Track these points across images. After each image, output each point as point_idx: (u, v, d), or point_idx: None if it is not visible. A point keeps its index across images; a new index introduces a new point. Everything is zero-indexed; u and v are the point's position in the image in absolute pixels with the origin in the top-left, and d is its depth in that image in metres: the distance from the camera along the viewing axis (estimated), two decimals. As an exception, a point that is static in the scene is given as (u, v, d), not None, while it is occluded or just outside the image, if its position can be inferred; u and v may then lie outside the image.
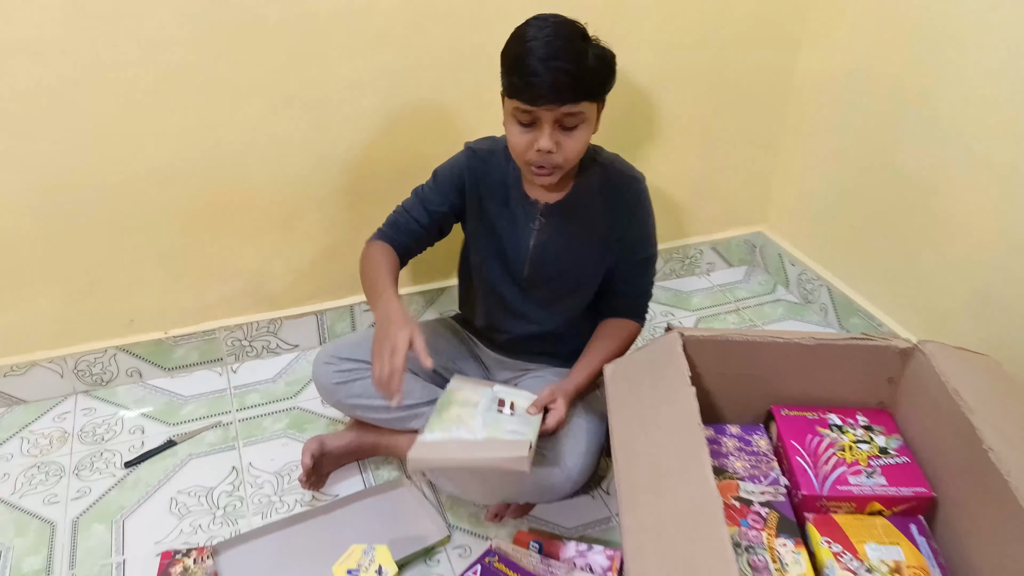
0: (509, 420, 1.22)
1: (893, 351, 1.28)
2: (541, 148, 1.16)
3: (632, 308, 1.38)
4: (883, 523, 1.16)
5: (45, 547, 1.32)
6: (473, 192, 1.34)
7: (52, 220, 1.47)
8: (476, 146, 1.35)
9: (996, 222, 1.43)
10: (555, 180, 1.23)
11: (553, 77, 1.10)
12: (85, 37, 1.33)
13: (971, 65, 1.41)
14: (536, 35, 1.13)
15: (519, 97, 1.14)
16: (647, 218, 1.33)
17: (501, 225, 1.33)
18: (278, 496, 1.41)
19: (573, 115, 1.15)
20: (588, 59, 1.14)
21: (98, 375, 1.65)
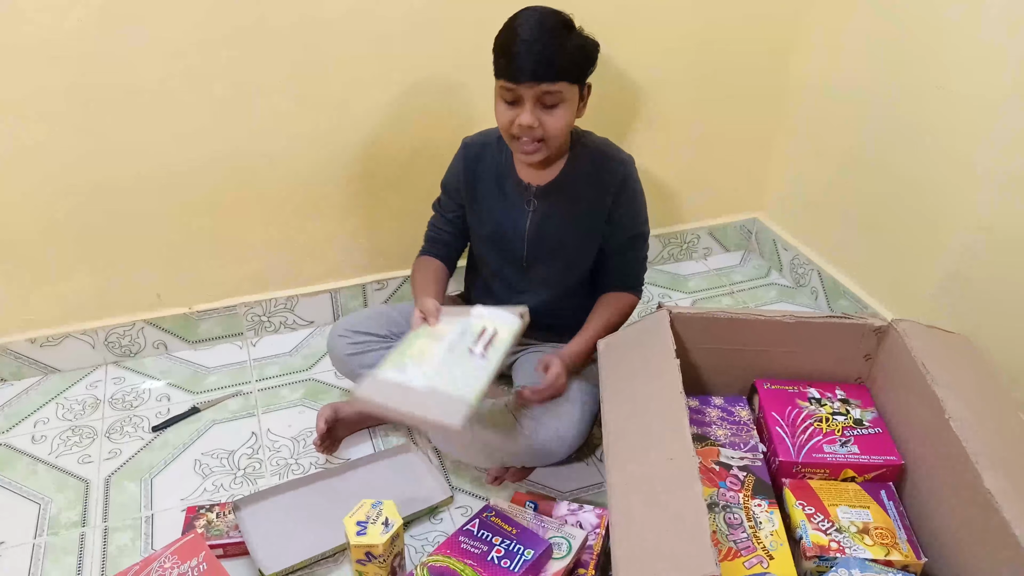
0: (470, 362, 1.21)
1: (869, 329, 1.36)
2: (522, 123, 1.26)
3: (627, 282, 1.47)
4: (855, 488, 1.25)
5: (80, 502, 1.43)
6: (470, 183, 1.44)
7: (88, 205, 1.58)
8: (470, 140, 1.46)
9: (969, 212, 1.50)
10: (540, 157, 1.32)
11: (533, 57, 1.21)
12: (118, 43, 1.44)
13: (955, 64, 1.48)
14: (523, 22, 1.25)
15: (503, 76, 1.25)
16: (634, 197, 1.41)
17: (498, 210, 1.43)
18: (294, 459, 1.51)
19: (552, 93, 1.25)
20: (568, 44, 1.25)
21: (127, 347, 1.75)
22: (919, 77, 1.56)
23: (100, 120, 1.50)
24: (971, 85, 1.46)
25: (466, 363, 1.21)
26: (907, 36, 1.57)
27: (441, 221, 1.52)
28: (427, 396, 1.14)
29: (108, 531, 1.38)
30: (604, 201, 1.39)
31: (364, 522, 1.18)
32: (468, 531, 1.21)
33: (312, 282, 1.83)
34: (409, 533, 1.35)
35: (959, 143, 1.50)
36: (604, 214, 1.40)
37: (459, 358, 1.22)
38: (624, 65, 1.78)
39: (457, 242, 1.52)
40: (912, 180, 1.62)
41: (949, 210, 1.55)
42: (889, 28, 1.61)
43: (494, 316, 1.31)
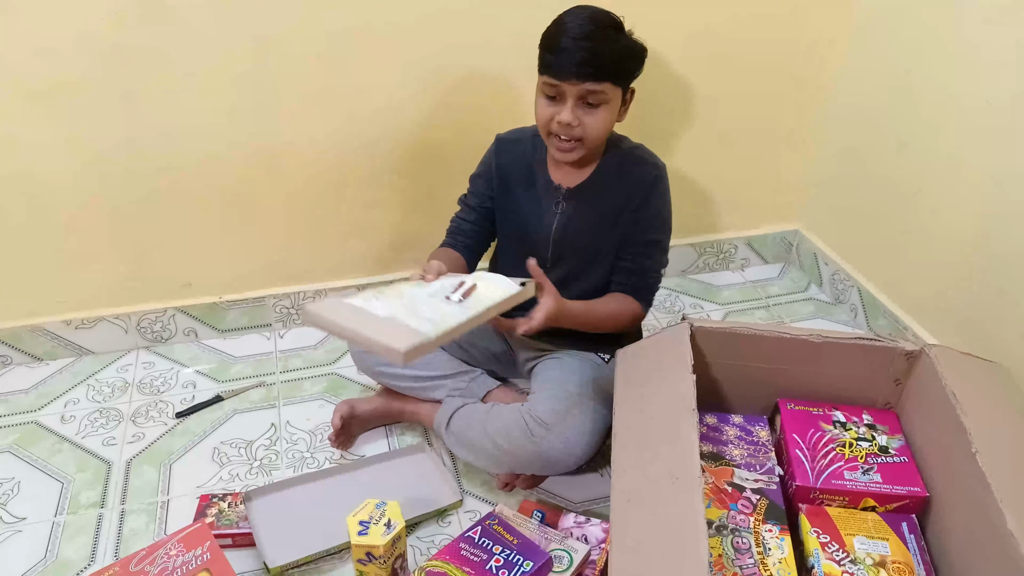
0: (441, 306, 1.11)
1: (899, 353, 1.31)
2: (562, 120, 1.24)
3: (635, 288, 1.41)
4: (875, 518, 1.20)
5: (101, 483, 1.46)
6: (500, 178, 1.42)
7: (123, 193, 1.61)
8: (504, 136, 1.44)
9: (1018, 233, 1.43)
10: (576, 156, 1.30)
11: (580, 55, 1.20)
12: (153, 40, 1.47)
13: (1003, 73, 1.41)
14: (572, 18, 1.24)
15: (547, 71, 1.24)
16: (660, 202, 1.38)
17: (526, 207, 1.41)
18: (310, 453, 1.52)
19: (595, 93, 1.23)
20: (617, 45, 1.23)
21: (158, 333, 1.79)
22: (963, 86, 1.49)
23: (135, 108, 1.53)
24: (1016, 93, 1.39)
25: (437, 306, 1.11)
26: (951, 43, 1.50)
27: (464, 211, 1.49)
28: (381, 322, 1.04)
29: (125, 513, 1.40)
30: (631, 202, 1.37)
31: (367, 522, 1.18)
32: (469, 538, 1.20)
33: (339, 276, 1.84)
34: (416, 535, 1.35)
35: (1005, 163, 1.43)
36: (629, 215, 1.37)
37: (432, 301, 1.13)
38: (660, 70, 1.74)
39: (478, 232, 1.48)
40: (959, 196, 1.55)
41: (995, 231, 1.48)
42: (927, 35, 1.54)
43: (490, 278, 1.21)
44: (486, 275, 1.22)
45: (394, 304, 1.09)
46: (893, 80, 1.66)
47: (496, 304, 1.13)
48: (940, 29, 1.54)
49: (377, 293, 1.13)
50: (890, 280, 1.78)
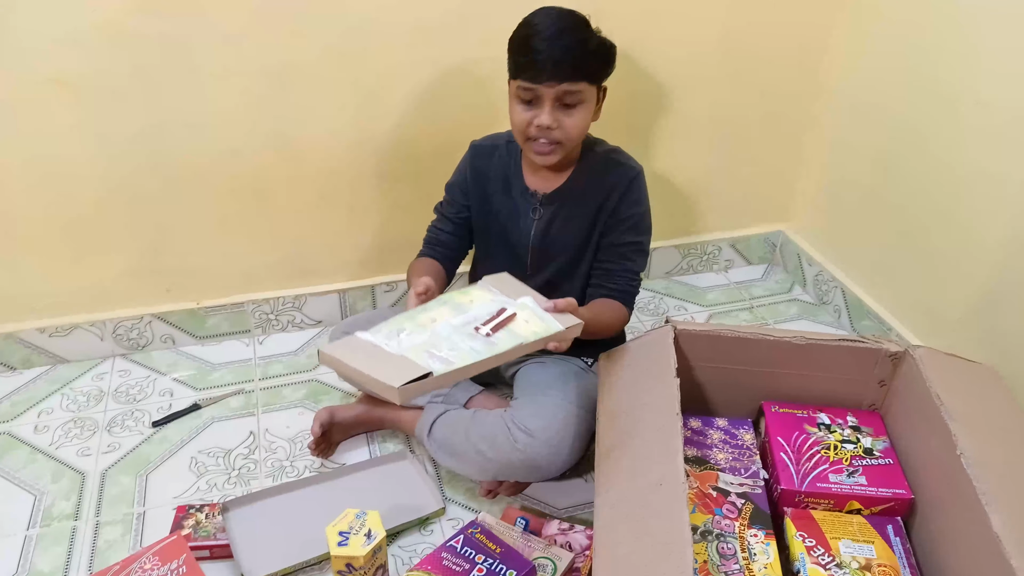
0: (463, 343, 1.08)
1: (884, 354, 1.30)
2: (541, 124, 1.23)
3: (618, 291, 1.39)
4: (860, 521, 1.19)
5: (75, 494, 1.43)
6: (476, 186, 1.41)
7: (114, 192, 1.58)
8: (479, 143, 1.44)
9: (1003, 232, 1.43)
10: (555, 159, 1.28)
11: (555, 55, 1.18)
12: (160, 24, 1.44)
13: (990, 77, 1.41)
14: (541, 20, 1.22)
15: (522, 75, 1.22)
16: (637, 206, 1.36)
17: (504, 215, 1.40)
18: (289, 461, 1.49)
19: (572, 93, 1.22)
20: (590, 43, 1.22)
21: (135, 340, 1.76)
22: (953, 89, 1.48)
23: (114, 114, 1.50)
24: (1008, 99, 1.38)
25: (460, 341, 1.08)
26: (941, 45, 1.50)
27: (441, 221, 1.48)
28: (390, 360, 1.03)
29: (99, 525, 1.37)
30: (608, 204, 1.36)
31: (347, 532, 1.16)
32: (451, 547, 1.18)
33: (321, 281, 1.81)
34: (397, 544, 1.33)
35: (992, 160, 1.43)
36: (608, 218, 1.36)
37: (457, 334, 1.10)
38: (648, 68, 1.73)
39: (456, 243, 1.48)
40: (943, 198, 1.55)
41: (981, 230, 1.47)
42: (921, 36, 1.53)
43: (532, 307, 1.16)
44: (529, 303, 1.18)
45: (416, 338, 1.08)
46: (890, 83, 1.65)
47: (528, 343, 1.12)
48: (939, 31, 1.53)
49: (408, 319, 1.13)
50: (874, 281, 1.78)
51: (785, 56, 1.80)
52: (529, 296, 1.19)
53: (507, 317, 1.14)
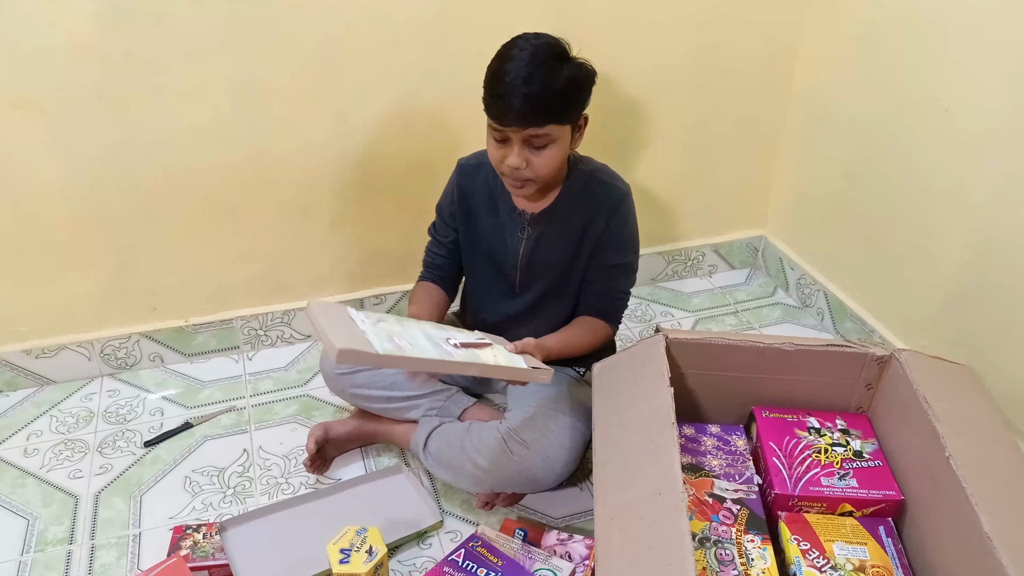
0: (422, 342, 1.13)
1: (871, 358, 1.33)
2: (511, 165, 1.24)
3: (603, 311, 1.42)
4: (852, 524, 1.21)
5: (68, 518, 1.42)
6: (463, 203, 1.42)
7: (84, 212, 1.57)
8: (465, 161, 1.44)
9: (968, 235, 1.47)
10: (529, 192, 1.30)
11: (519, 101, 1.17)
12: (125, 41, 1.43)
13: (960, 79, 1.44)
14: (514, 55, 1.20)
15: (490, 114, 1.23)
16: (624, 226, 1.38)
17: (491, 234, 1.41)
18: (284, 478, 1.49)
19: (540, 136, 1.21)
20: (558, 83, 1.19)
21: (123, 359, 1.75)
22: (921, 93, 1.52)
23: (84, 133, 1.49)
24: (969, 105, 1.42)
25: (422, 341, 1.12)
26: (907, 51, 1.53)
27: (436, 246, 1.50)
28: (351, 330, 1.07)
29: (95, 549, 1.37)
30: (596, 225, 1.36)
31: (348, 550, 1.16)
32: (453, 561, 1.18)
33: (309, 295, 1.81)
34: (396, 558, 1.33)
35: (957, 165, 1.47)
36: (594, 238, 1.37)
37: (426, 337, 1.14)
38: (624, 79, 1.75)
39: (451, 266, 1.50)
40: (910, 203, 1.58)
41: (947, 233, 1.51)
42: (891, 43, 1.57)
43: (506, 351, 1.23)
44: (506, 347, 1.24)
45: (388, 327, 1.11)
46: (858, 89, 1.68)
47: (487, 365, 1.15)
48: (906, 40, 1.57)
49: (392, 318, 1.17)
50: (856, 284, 1.81)
51: (757, 65, 1.83)
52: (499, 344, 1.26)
53: (480, 343, 1.20)
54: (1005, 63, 1.35)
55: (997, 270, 1.42)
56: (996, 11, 1.35)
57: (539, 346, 1.27)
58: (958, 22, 1.42)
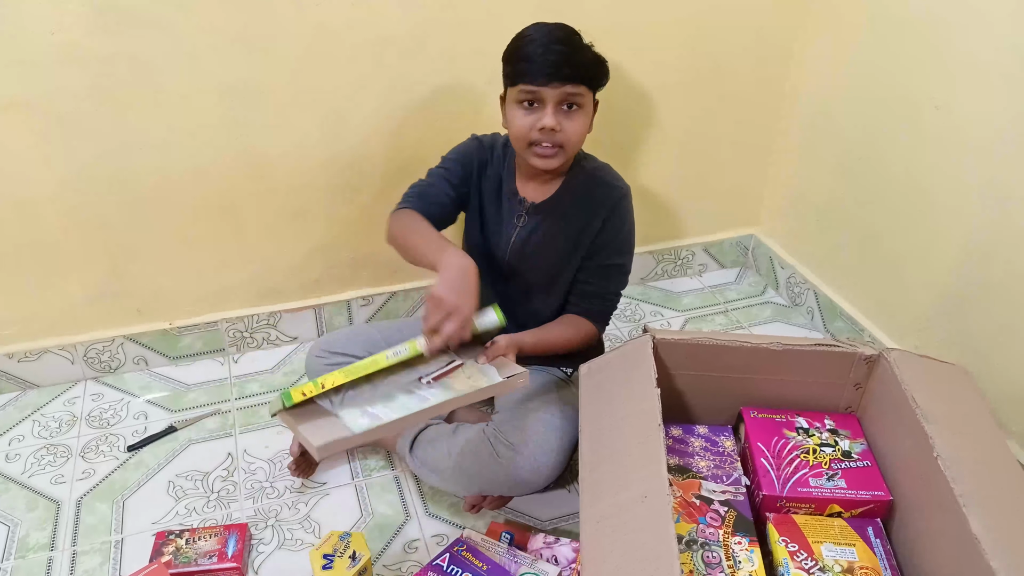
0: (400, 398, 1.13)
1: (859, 358, 1.31)
2: (545, 125, 1.23)
3: (592, 311, 1.40)
4: (841, 524, 1.20)
5: (50, 524, 1.40)
6: (475, 178, 1.40)
7: (74, 215, 1.55)
8: (482, 138, 1.42)
9: (966, 233, 1.46)
10: (557, 163, 1.28)
11: (556, 57, 1.20)
12: (117, 44, 1.42)
13: (951, 81, 1.44)
14: (536, 31, 1.24)
15: (523, 80, 1.22)
16: (621, 226, 1.37)
17: (490, 214, 1.39)
18: (269, 482, 1.48)
19: (574, 95, 1.23)
20: (588, 50, 1.24)
21: (107, 362, 1.73)
22: (915, 94, 1.51)
23: (75, 135, 1.48)
24: (962, 104, 1.41)
25: (398, 395, 1.13)
26: (903, 53, 1.52)
27: (442, 184, 1.37)
28: (322, 417, 1.08)
29: (77, 555, 1.35)
30: (593, 224, 1.35)
31: (331, 555, 1.15)
32: (438, 566, 1.17)
33: (296, 297, 1.80)
34: (382, 562, 1.32)
35: (955, 162, 1.46)
36: (591, 236, 1.36)
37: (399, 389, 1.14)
38: (620, 80, 1.74)
39: (447, 214, 1.39)
40: (904, 202, 1.58)
41: (942, 232, 1.50)
42: (885, 45, 1.56)
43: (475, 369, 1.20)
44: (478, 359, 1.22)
45: (353, 399, 1.11)
46: (852, 89, 1.68)
47: (463, 396, 1.14)
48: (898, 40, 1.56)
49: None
50: (844, 283, 1.80)
51: (752, 66, 1.82)
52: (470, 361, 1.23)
53: (451, 368, 1.18)
54: (997, 62, 1.34)
55: (990, 270, 1.42)
56: (989, 10, 1.34)
57: (511, 344, 1.24)
58: (950, 21, 1.42)
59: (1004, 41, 1.32)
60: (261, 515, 1.41)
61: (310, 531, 1.38)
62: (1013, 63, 1.31)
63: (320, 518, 1.41)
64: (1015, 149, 1.33)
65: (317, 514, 1.42)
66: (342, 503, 1.44)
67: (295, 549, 1.35)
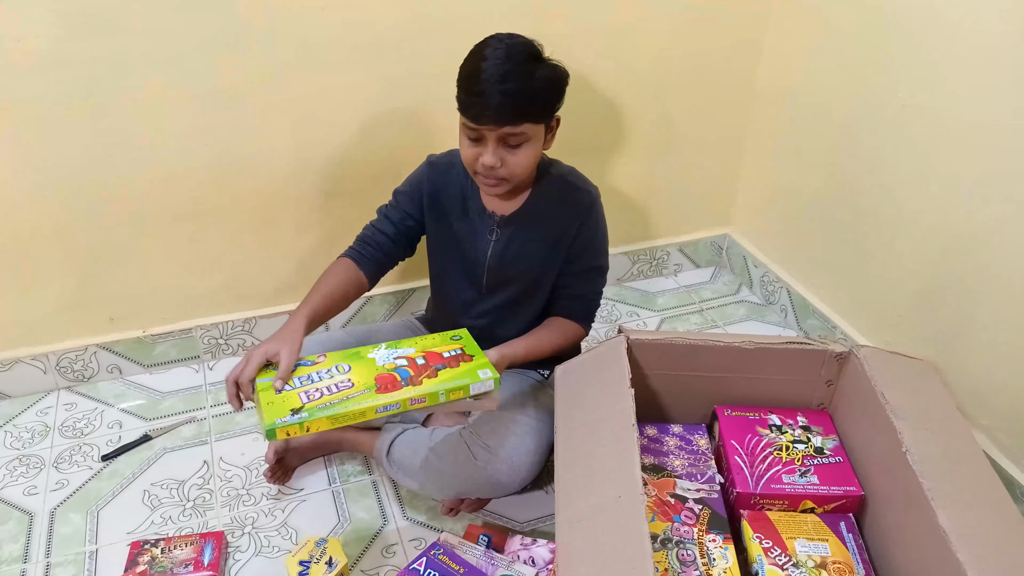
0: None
1: (830, 355, 1.33)
2: (485, 164, 1.22)
3: (576, 312, 1.42)
4: (814, 520, 1.22)
5: (23, 536, 1.39)
6: (432, 203, 1.40)
7: (45, 224, 1.54)
8: (436, 159, 1.41)
9: (933, 232, 1.48)
10: (503, 191, 1.29)
11: (496, 100, 1.16)
12: (88, 49, 1.40)
13: (917, 75, 1.45)
14: (489, 55, 1.19)
15: (465, 114, 1.21)
16: (596, 230, 1.37)
17: (461, 235, 1.39)
18: (246, 490, 1.47)
19: (515, 135, 1.20)
20: (535, 82, 1.19)
21: (80, 371, 1.71)
22: (882, 93, 1.53)
23: (45, 141, 1.46)
24: (927, 102, 1.43)
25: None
26: (870, 52, 1.54)
27: (382, 222, 1.41)
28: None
29: (50, 567, 1.33)
30: (568, 231, 1.36)
31: (307, 562, 1.15)
32: (414, 570, 1.17)
33: (271, 303, 1.79)
34: (360, 567, 1.32)
35: (918, 162, 1.48)
36: (567, 242, 1.37)
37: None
38: (591, 81, 1.75)
39: (391, 248, 1.41)
40: (876, 200, 1.59)
41: (912, 230, 1.52)
42: (854, 44, 1.58)
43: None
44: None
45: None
46: (821, 87, 1.69)
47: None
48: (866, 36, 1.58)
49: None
50: (817, 281, 1.82)
51: (722, 66, 1.84)
52: None
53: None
54: (962, 60, 1.36)
55: (957, 267, 1.44)
56: (953, 8, 1.35)
57: (501, 359, 1.27)
58: (916, 19, 1.43)
59: (970, 39, 1.34)
60: (237, 522, 1.41)
61: (287, 538, 1.37)
62: (979, 61, 1.33)
63: (297, 524, 1.40)
64: (981, 147, 1.35)
65: (294, 520, 1.41)
66: (319, 509, 1.43)
67: (272, 556, 1.34)
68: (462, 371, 1.16)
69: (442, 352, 1.21)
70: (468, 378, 1.15)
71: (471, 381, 1.14)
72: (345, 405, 1.09)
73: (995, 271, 1.36)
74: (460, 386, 1.14)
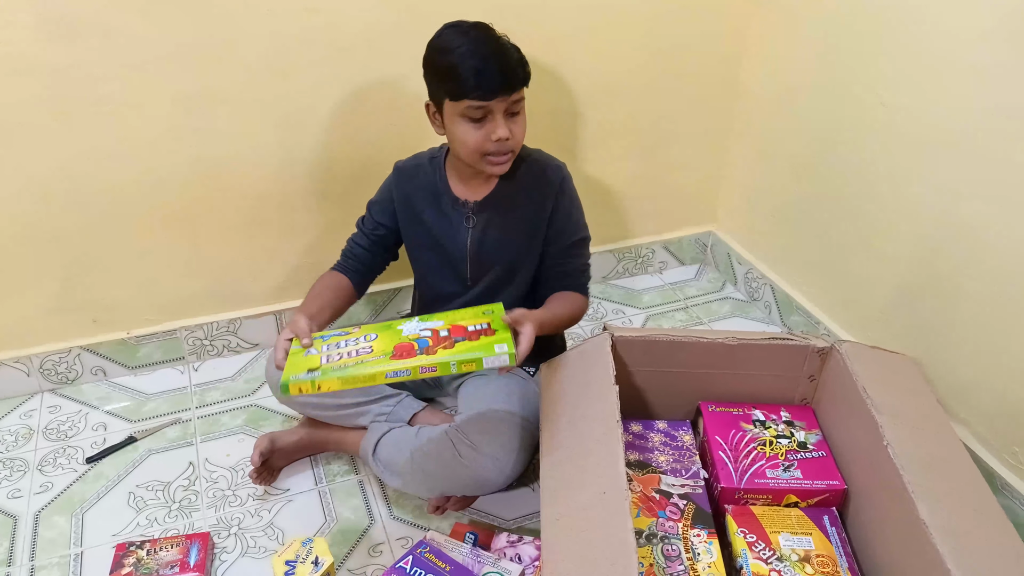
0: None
1: (812, 351, 1.34)
2: (501, 137, 1.23)
3: (572, 285, 1.42)
4: (798, 514, 1.23)
5: (7, 539, 1.38)
6: (405, 207, 1.40)
7: (28, 227, 1.53)
8: (403, 164, 1.43)
9: (912, 229, 1.49)
10: (508, 166, 1.30)
11: (500, 69, 1.20)
12: (70, 54, 1.40)
13: (896, 73, 1.47)
14: (462, 41, 1.21)
15: (471, 96, 1.21)
16: (571, 204, 1.39)
17: (437, 231, 1.39)
18: (232, 491, 1.47)
19: (518, 101, 1.25)
20: (511, 49, 1.24)
21: (63, 374, 1.70)
22: (863, 92, 1.54)
23: (25, 147, 1.45)
24: (905, 101, 1.45)
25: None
26: (852, 51, 1.55)
27: (358, 236, 1.47)
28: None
29: (35, 570, 1.33)
30: (544, 208, 1.37)
31: (293, 562, 1.15)
32: (401, 569, 1.17)
33: (256, 303, 1.79)
34: (346, 567, 1.32)
35: (897, 160, 1.49)
36: (545, 220, 1.38)
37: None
38: (575, 77, 1.75)
39: (369, 259, 1.46)
40: (856, 198, 1.61)
41: (892, 228, 1.54)
42: (836, 42, 1.59)
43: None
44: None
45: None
46: (804, 86, 1.70)
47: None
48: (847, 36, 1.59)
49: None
50: (800, 278, 1.84)
51: (706, 64, 1.84)
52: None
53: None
54: (942, 59, 1.37)
55: (937, 264, 1.45)
56: (933, 7, 1.37)
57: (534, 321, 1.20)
58: (895, 19, 1.44)
59: (949, 38, 1.35)
60: (224, 523, 1.40)
61: (273, 538, 1.37)
62: (958, 61, 1.34)
63: (283, 525, 1.40)
64: (960, 146, 1.36)
65: (280, 521, 1.41)
66: (305, 509, 1.43)
67: (258, 557, 1.34)
68: (479, 344, 1.14)
69: (467, 326, 1.19)
70: (483, 351, 1.13)
71: (484, 355, 1.12)
72: (357, 368, 1.10)
73: (975, 268, 1.38)
74: (473, 359, 1.11)
